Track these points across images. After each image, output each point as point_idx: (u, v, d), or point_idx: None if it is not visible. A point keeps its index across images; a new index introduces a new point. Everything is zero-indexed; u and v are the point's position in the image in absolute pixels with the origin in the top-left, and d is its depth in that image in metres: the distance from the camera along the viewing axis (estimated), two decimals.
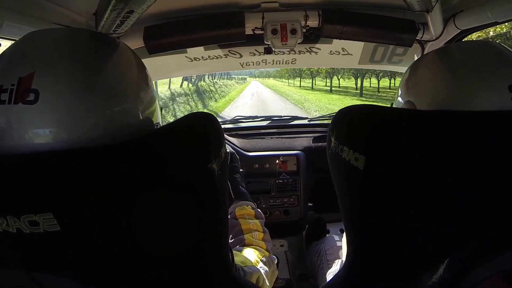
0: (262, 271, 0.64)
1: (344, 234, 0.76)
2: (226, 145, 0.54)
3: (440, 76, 0.49)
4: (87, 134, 0.35)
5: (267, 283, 0.65)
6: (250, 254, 0.67)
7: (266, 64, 1.28)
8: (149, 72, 0.46)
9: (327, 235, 1.42)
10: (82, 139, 0.35)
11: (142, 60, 0.47)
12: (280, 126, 1.65)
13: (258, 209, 0.83)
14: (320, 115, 2.03)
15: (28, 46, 0.38)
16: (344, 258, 0.71)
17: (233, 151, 0.94)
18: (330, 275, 0.69)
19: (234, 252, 0.58)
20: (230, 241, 0.72)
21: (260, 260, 0.68)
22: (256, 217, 0.79)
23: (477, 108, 0.43)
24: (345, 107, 0.49)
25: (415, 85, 0.54)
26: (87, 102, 0.36)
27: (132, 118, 0.40)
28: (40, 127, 0.34)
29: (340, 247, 1.13)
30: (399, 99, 0.56)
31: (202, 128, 0.43)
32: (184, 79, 16.38)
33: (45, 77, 0.34)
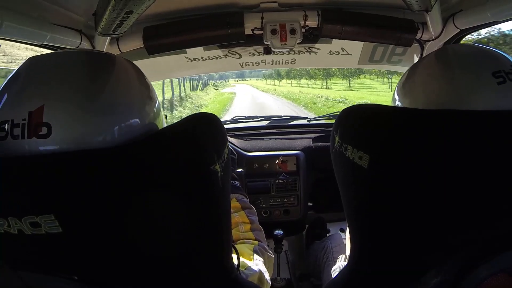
0: (260, 265, 0.63)
1: (347, 231, 0.75)
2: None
3: (433, 79, 0.50)
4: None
5: (267, 277, 0.64)
6: (242, 251, 0.66)
7: (265, 64, 1.28)
8: (150, 82, 0.47)
9: (327, 234, 1.42)
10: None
11: (141, 60, 0.48)
12: (280, 126, 1.65)
13: (245, 199, 0.80)
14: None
15: (32, 76, 0.38)
16: (348, 254, 0.71)
17: (232, 146, 0.92)
18: (335, 271, 0.69)
19: None
20: None
21: (253, 251, 0.67)
22: (243, 208, 0.77)
23: (473, 105, 0.44)
24: (349, 107, 0.49)
25: (409, 90, 0.55)
26: (97, 124, 0.37)
27: (138, 130, 0.40)
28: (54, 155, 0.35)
29: None
30: (397, 103, 0.57)
31: (201, 130, 0.43)
32: None
33: (55, 110, 0.35)
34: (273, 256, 0.74)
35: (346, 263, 0.67)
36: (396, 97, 0.57)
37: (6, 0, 0.54)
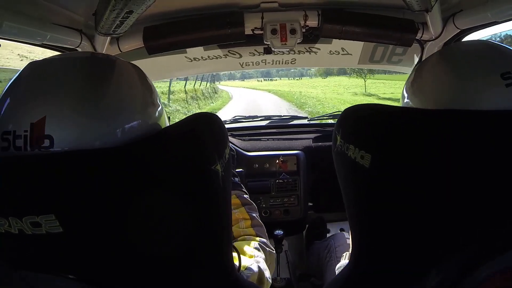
0: (261, 263, 0.63)
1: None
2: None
3: (442, 78, 0.49)
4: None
5: (267, 275, 0.63)
6: (242, 248, 0.65)
7: (265, 64, 1.29)
8: (152, 83, 0.46)
9: (327, 234, 1.42)
10: None
11: (142, 60, 0.48)
12: (280, 126, 1.65)
13: (245, 196, 0.80)
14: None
15: (33, 84, 0.38)
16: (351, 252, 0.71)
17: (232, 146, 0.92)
18: (339, 269, 0.68)
19: None
20: None
21: (254, 248, 0.66)
22: (243, 205, 0.77)
23: (480, 105, 0.44)
24: (351, 106, 0.49)
25: (418, 89, 0.54)
26: (100, 129, 0.37)
27: (141, 131, 0.40)
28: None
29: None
30: (406, 100, 0.56)
31: (202, 130, 0.43)
32: None
33: (57, 121, 0.35)
34: (274, 252, 0.72)
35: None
36: (405, 95, 0.56)
37: (6, 0, 0.54)
